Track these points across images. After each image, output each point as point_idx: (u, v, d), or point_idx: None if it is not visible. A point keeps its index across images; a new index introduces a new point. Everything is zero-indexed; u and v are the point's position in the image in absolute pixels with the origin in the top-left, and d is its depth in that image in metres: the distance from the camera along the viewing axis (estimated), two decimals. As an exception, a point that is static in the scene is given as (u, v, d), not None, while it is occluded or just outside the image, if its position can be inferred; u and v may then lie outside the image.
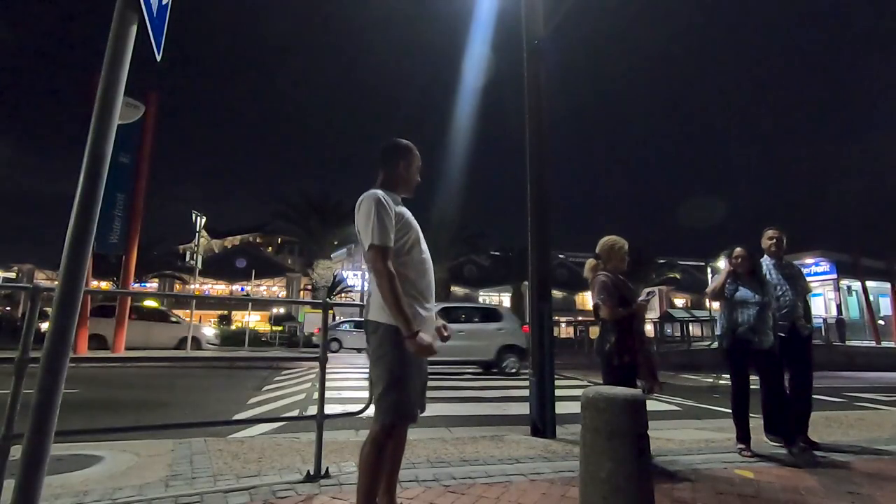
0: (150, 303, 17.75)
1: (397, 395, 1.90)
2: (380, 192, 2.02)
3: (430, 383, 2.22)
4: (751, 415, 3.58)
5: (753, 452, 3.45)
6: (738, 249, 3.76)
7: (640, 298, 3.19)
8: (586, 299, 46.54)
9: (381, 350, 1.95)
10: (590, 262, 3.42)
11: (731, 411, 3.67)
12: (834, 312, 25.42)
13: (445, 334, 2.15)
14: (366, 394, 2.07)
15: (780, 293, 3.83)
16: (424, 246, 2.13)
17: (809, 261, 26.77)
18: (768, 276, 3.82)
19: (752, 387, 3.62)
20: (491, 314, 11.67)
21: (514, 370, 10.55)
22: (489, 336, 10.81)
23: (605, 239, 3.39)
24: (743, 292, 3.64)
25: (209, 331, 11.65)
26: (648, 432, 1.81)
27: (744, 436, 3.56)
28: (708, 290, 3.81)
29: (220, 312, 34.71)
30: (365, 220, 1.96)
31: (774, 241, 3.99)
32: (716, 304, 4.04)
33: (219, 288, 40.87)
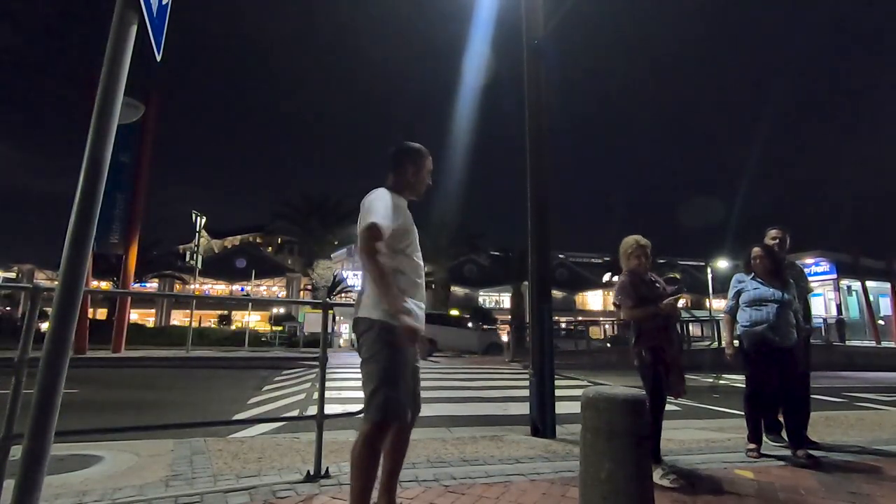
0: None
1: (388, 393, 1.89)
2: (388, 190, 2.11)
3: (430, 383, 2.23)
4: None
5: (760, 454, 3.44)
6: (755, 249, 3.74)
7: (668, 299, 3.11)
8: (586, 299, 46.59)
9: (375, 347, 1.93)
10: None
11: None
12: (834, 312, 25.42)
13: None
14: (366, 394, 2.05)
15: None
16: (419, 253, 2.16)
17: (809, 261, 26.77)
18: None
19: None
20: None
21: None
22: None
23: (624, 239, 3.38)
24: (762, 290, 3.61)
25: None
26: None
27: (756, 437, 3.54)
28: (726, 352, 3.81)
29: (220, 312, 34.70)
30: (372, 204, 1.98)
31: (778, 241, 3.99)
32: (717, 304, 4.03)
33: (219, 288, 40.83)
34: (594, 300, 46.83)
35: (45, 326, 1.56)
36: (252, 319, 29.83)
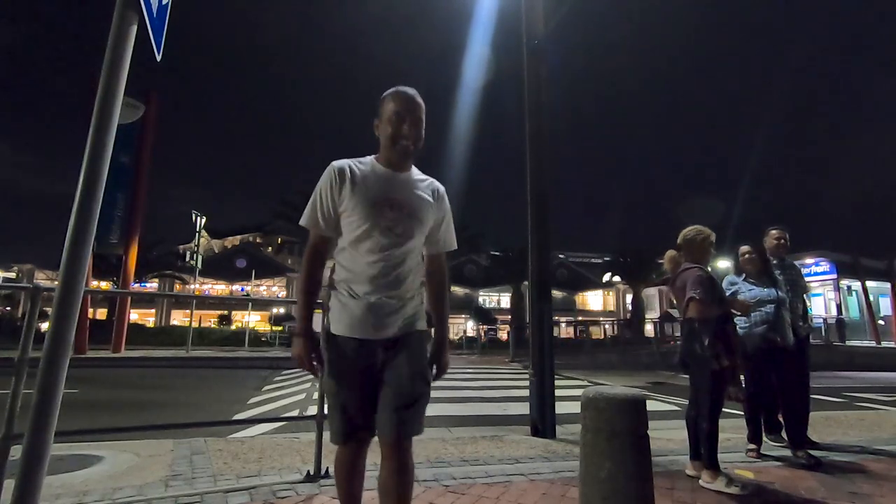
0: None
1: (328, 407, 1.67)
2: (339, 164, 1.68)
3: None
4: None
5: (760, 454, 3.44)
6: (743, 247, 3.73)
7: (741, 299, 3.08)
8: (586, 299, 46.57)
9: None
10: (670, 253, 3.22)
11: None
12: (834, 312, 25.42)
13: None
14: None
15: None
16: (380, 229, 1.61)
17: (809, 261, 26.78)
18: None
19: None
20: None
21: None
22: None
23: (688, 229, 3.18)
24: (757, 291, 3.60)
25: None
26: (648, 432, 1.81)
27: (756, 437, 3.54)
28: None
29: (220, 312, 34.71)
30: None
31: (779, 241, 3.99)
32: None
33: (219, 288, 40.83)
34: (594, 300, 46.83)
35: (45, 326, 1.56)
36: (252, 319, 29.84)
